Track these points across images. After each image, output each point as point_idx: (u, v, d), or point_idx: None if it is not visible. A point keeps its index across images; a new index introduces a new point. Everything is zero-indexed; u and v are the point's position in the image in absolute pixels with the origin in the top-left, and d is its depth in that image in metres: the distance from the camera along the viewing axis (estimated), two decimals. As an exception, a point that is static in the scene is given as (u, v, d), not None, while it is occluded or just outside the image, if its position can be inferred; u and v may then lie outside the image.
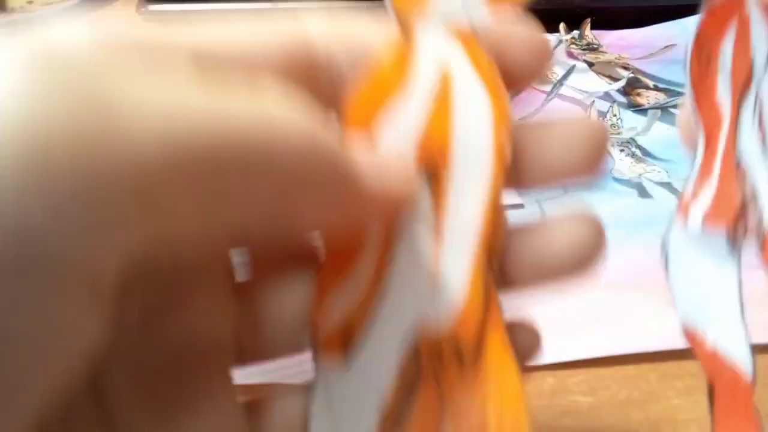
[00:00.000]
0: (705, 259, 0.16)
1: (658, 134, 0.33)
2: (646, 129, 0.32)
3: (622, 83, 0.37)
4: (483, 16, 0.14)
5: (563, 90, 0.36)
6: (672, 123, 0.35)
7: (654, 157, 0.32)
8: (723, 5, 0.16)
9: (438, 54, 0.14)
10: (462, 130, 0.14)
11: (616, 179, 0.30)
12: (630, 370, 0.22)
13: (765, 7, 0.16)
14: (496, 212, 0.14)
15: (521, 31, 0.14)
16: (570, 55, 0.41)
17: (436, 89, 0.14)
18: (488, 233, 0.14)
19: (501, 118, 0.14)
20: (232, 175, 0.11)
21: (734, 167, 0.16)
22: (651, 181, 0.30)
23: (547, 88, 0.34)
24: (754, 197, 0.16)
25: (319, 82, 0.14)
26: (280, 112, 0.12)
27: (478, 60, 0.14)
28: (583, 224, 0.15)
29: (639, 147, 0.32)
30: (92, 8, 0.50)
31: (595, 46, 0.42)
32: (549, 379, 0.22)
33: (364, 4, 0.44)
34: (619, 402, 0.21)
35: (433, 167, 0.14)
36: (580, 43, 0.42)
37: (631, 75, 0.38)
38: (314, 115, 0.12)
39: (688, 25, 0.44)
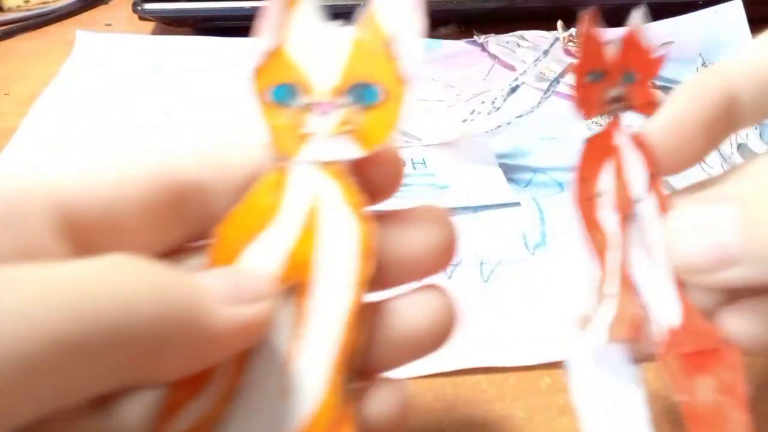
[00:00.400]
0: (609, 375, 0.17)
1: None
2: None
3: (619, 81, 0.37)
4: (353, 153, 0.16)
5: (561, 87, 0.36)
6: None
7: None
8: (599, 136, 0.18)
9: (309, 186, 0.16)
10: (326, 252, 0.15)
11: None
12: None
13: (637, 141, 0.17)
14: (357, 322, 0.15)
15: (381, 156, 0.16)
16: (568, 52, 0.41)
17: (305, 217, 0.16)
18: (348, 341, 0.15)
19: (365, 241, 0.15)
20: (86, 351, 0.11)
21: (629, 284, 0.17)
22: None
23: (544, 85, 0.34)
24: (650, 309, 0.17)
25: (190, 210, 0.15)
26: (127, 285, 0.12)
27: (346, 191, 0.16)
28: (435, 297, 0.16)
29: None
30: (88, 7, 0.50)
31: (593, 43, 0.41)
32: (546, 378, 0.22)
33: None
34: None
35: (298, 283, 0.15)
36: (578, 41, 0.41)
37: (629, 72, 0.38)
38: (164, 276, 0.13)
39: (686, 22, 0.44)
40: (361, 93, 0.16)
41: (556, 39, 0.30)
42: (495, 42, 0.42)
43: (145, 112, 0.36)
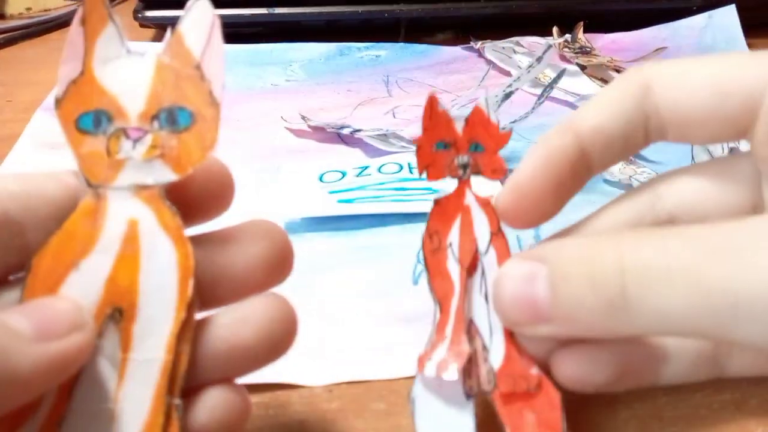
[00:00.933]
0: (444, 405, 0.18)
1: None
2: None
3: (613, 86, 0.37)
4: (166, 177, 0.16)
5: (555, 93, 0.36)
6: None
7: (644, 159, 0.32)
8: (449, 197, 0.20)
9: (125, 212, 0.16)
10: (147, 276, 0.16)
11: (607, 181, 0.31)
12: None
13: (482, 202, 0.20)
14: (181, 342, 0.15)
15: (207, 168, 0.16)
16: (562, 58, 0.42)
17: (123, 243, 0.16)
18: (171, 362, 0.15)
19: (184, 262, 0.16)
20: None
21: (464, 328, 0.19)
22: (641, 182, 0.31)
23: (539, 91, 0.34)
24: (486, 351, 0.19)
25: (2, 244, 0.15)
26: None
27: (162, 214, 0.16)
28: (268, 306, 0.16)
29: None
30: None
31: (588, 49, 0.42)
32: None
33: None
34: (607, 400, 0.22)
35: (121, 308, 0.16)
36: (573, 47, 0.42)
37: (623, 77, 0.38)
38: None
39: (680, 27, 0.44)
40: (171, 117, 0.16)
41: (550, 46, 0.31)
42: (491, 48, 0.43)
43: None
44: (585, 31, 0.43)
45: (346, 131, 0.34)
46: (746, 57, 0.18)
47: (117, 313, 0.16)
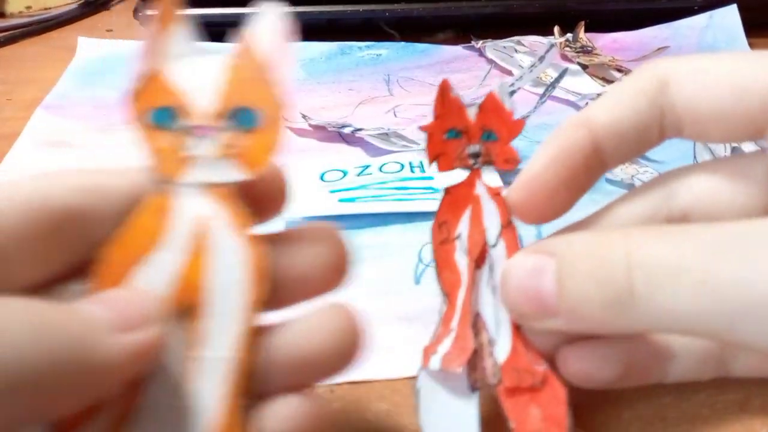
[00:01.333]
0: (448, 398, 0.18)
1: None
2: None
3: (615, 85, 0.37)
4: (237, 175, 0.16)
5: (557, 92, 0.36)
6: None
7: (646, 158, 0.32)
8: (459, 187, 0.19)
9: (194, 209, 0.16)
10: (216, 274, 0.16)
11: (609, 180, 0.31)
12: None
13: (493, 192, 0.19)
14: (251, 342, 0.16)
15: (265, 177, 0.16)
16: (564, 57, 0.42)
17: (192, 240, 0.16)
18: (242, 362, 0.15)
19: (256, 262, 0.16)
20: None
21: (470, 320, 0.19)
22: (643, 182, 0.31)
23: (541, 90, 0.34)
24: (492, 345, 0.19)
25: (70, 236, 0.15)
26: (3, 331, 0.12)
27: (234, 213, 0.16)
28: (337, 317, 0.16)
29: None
30: (90, 13, 0.51)
31: (589, 48, 0.42)
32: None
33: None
34: (610, 400, 0.22)
35: (189, 305, 0.16)
36: (574, 46, 0.42)
37: (625, 77, 0.38)
38: (44, 314, 0.13)
39: (681, 27, 0.44)
40: (241, 117, 0.16)
41: (552, 45, 0.31)
42: (492, 47, 0.43)
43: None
44: (586, 31, 0.43)
45: (347, 130, 0.34)
46: (766, 55, 0.18)
47: (185, 310, 0.16)
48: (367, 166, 0.32)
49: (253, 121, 0.16)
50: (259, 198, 0.16)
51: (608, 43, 0.44)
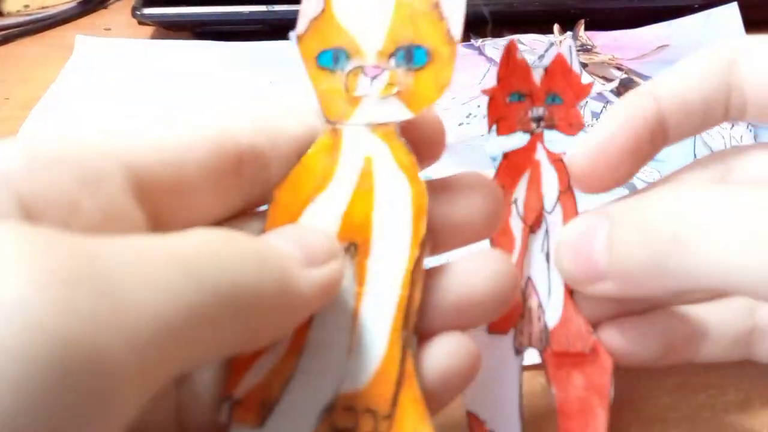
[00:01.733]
0: (492, 360, 0.18)
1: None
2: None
3: (615, 84, 0.37)
4: (402, 114, 0.16)
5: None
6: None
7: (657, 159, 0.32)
8: (518, 152, 0.19)
9: (361, 148, 0.16)
10: (382, 211, 0.16)
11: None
12: (622, 370, 0.22)
13: (553, 158, 0.19)
14: (414, 280, 0.16)
15: (424, 117, 0.17)
16: (564, 56, 0.42)
17: (359, 178, 0.16)
18: (406, 298, 0.15)
19: (418, 200, 0.16)
20: (212, 320, 0.12)
21: (522, 284, 0.19)
22: (643, 181, 0.30)
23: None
24: (541, 310, 0.19)
25: (248, 175, 0.15)
26: (236, 257, 0.12)
27: (398, 152, 0.16)
28: (495, 261, 0.16)
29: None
30: (87, 11, 0.51)
31: (589, 47, 0.42)
32: (540, 379, 0.22)
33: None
34: (611, 401, 0.21)
35: (356, 242, 0.16)
36: (574, 44, 0.42)
37: (625, 76, 0.38)
38: (261, 245, 0.13)
39: (681, 25, 0.44)
40: (408, 54, 0.16)
41: (552, 43, 0.31)
42: (492, 45, 0.43)
43: (144, 116, 0.36)
44: (586, 29, 0.43)
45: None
46: None
47: (353, 247, 0.16)
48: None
49: (421, 58, 0.16)
50: (420, 142, 0.16)
51: (608, 41, 0.43)
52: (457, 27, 0.16)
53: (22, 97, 0.38)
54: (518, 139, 0.19)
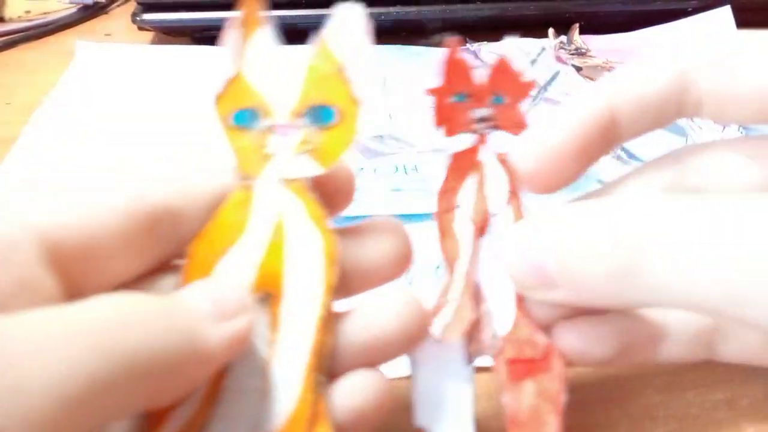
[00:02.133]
0: (444, 371, 0.18)
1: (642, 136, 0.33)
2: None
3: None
4: (313, 170, 0.17)
5: (551, 94, 0.36)
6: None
7: (639, 159, 0.32)
8: (464, 153, 0.19)
9: (274, 203, 0.17)
10: (294, 263, 0.17)
11: (601, 182, 0.31)
12: (611, 368, 0.23)
13: (500, 158, 0.19)
14: (327, 325, 0.16)
15: (337, 172, 0.17)
16: (558, 59, 0.42)
17: (272, 231, 0.17)
18: (319, 343, 0.16)
19: (329, 250, 0.17)
20: (113, 385, 0.12)
21: (471, 291, 0.18)
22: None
23: (534, 92, 0.34)
24: (490, 316, 0.18)
25: (163, 233, 0.16)
26: (140, 321, 0.13)
27: (309, 205, 0.17)
28: (402, 301, 0.17)
29: (624, 149, 0.33)
30: (88, 17, 0.51)
31: (584, 50, 0.42)
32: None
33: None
34: (600, 399, 0.22)
35: (270, 292, 0.16)
36: (569, 48, 0.42)
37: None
38: (166, 306, 0.14)
39: (675, 29, 0.44)
40: (318, 114, 0.17)
41: (543, 49, 0.31)
42: (487, 50, 0.43)
43: (144, 121, 0.37)
44: (581, 33, 0.43)
45: (342, 133, 0.34)
46: None
47: (266, 297, 0.16)
48: (361, 169, 0.32)
49: (330, 117, 0.17)
50: (329, 193, 0.17)
51: (602, 45, 0.44)
52: (361, 88, 0.17)
53: (23, 101, 0.39)
54: (464, 141, 0.19)
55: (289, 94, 0.17)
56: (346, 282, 0.17)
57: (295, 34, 0.17)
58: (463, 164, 0.19)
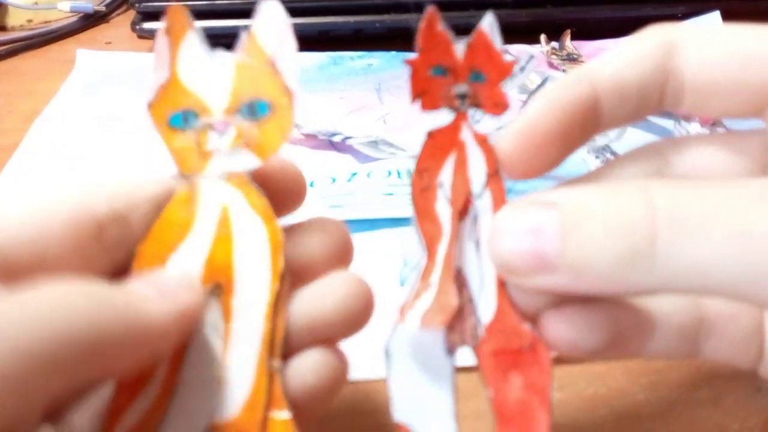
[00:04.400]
0: (423, 363, 0.17)
1: (631, 140, 0.34)
2: (620, 135, 0.34)
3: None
4: (252, 163, 0.17)
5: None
6: (646, 129, 0.36)
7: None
8: (443, 131, 0.18)
9: (217, 197, 0.17)
10: (241, 252, 0.17)
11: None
12: (598, 367, 0.23)
13: (480, 139, 0.18)
14: (278, 311, 0.17)
15: (282, 168, 0.18)
16: (550, 65, 0.43)
17: (217, 224, 0.17)
18: (271, 328, 0.17)
19: (274, 238, 0.17)
20: (53, 359, 0.13)
21: (453, 276, 0.17)
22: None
23: (524, 96, 0.35)
24: (472, 303, 0.17)
25: (111, 239, 0.17)
26: (77, 303, 0.14)
27: (252, 197, 0.17)
28: (347, 283, 0.18)
29: (613, 153, 0.34)
30: (89, 26, 0.52)
31: (575, 56, 0.43)
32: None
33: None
34: (587, 398, 0.22)
35: (220, 284, 0.17)
36: (560, 54, 0.43)
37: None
38: (102, 289, 0.15)
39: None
40: (252, 108, 0.18)
41: (532, 56, 0.31)
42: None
43: (144, 128, 0.37)
44: (572, 39, 0.44)
45: (337, 138, 0.35)
46: None
47: (217, 288, 0.17)
48: (355, 174, 0.32)
49: (263, 110, 0.17)
50: (278, 192, 0.18)
51: (594, 50, 0.44)
52: (292, 79, 0.17)
53: (24, 109, 0.39)
54: (444, 116, 0.18)
55: (223, 92, 0.18)
56: (293, 274, 0.17)
57: (221, 42, 0.18)
58: (442, 143, 0.18)
